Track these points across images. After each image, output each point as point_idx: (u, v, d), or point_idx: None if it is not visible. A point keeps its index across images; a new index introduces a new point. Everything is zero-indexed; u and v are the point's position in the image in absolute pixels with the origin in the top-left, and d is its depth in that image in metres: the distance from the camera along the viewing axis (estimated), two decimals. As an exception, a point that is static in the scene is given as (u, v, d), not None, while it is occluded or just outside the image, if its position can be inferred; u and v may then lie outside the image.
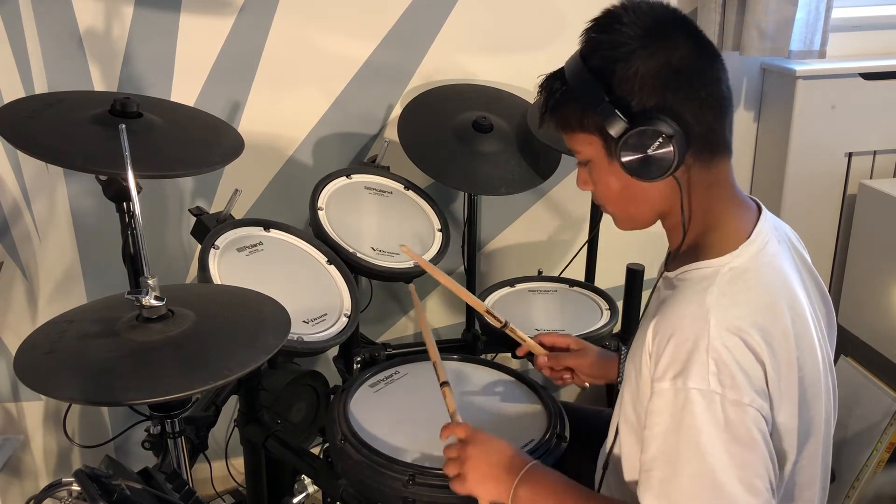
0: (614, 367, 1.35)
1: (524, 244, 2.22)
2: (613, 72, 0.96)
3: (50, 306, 1.93)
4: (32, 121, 1.33)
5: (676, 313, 0.94)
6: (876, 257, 2.07)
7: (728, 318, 0.91)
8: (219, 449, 1.83)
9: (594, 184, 1.08)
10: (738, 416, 0.89)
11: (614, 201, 1.07)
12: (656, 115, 0.95)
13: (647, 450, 0.94)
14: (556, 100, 1.03)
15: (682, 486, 0.90)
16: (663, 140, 0.95)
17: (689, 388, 0.89)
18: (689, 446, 0.89)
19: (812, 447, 1.01)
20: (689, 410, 0.89)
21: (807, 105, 2.05)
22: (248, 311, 1.20)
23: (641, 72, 0.95)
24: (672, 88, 0.96)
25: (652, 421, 0.93)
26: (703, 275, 0.97)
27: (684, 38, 0.98)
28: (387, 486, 1.15)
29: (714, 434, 0.88)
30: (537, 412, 1.32)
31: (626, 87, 0.96)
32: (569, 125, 1.04)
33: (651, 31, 0.97)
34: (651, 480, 0.92)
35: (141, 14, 1.78)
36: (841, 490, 1.95)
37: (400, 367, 1.44)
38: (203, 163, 1.41)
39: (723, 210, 1.02)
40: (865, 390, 1.96)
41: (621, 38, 0.97)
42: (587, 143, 1.03)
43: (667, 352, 0.92)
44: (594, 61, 0.98)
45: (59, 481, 0.88)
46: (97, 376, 0.99)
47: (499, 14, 1.98)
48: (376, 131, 2.01)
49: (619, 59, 0.96)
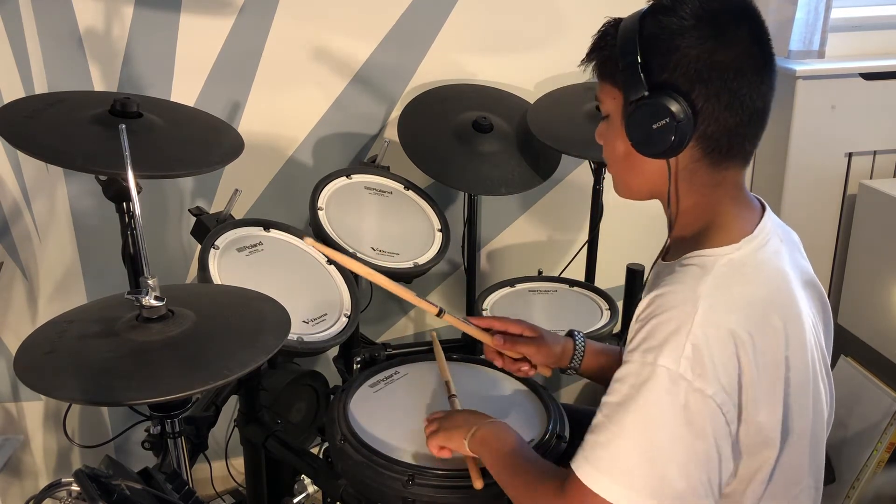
0: (566, 353, 1.31)
1: (524, 244, 2.22)
2: (657, 39, 0.95)
3: (50, 306, 1.93)
4: (32, 121, 1.33)
5: (667, 293, 0.94)
6: (876, 257, 2.07)
7: (717, 310, 0.91)
8: (219, 449, 1.83)
9: (605, 142, 1.07)
10: (696, 405, 0.89)
11: (616, 164, 1.07)
12: (674, 96, 0.94)
13: (596, 415, 0.95)
14: (602, 43, 1.02)
15: (617, 453, 0.91)
16: (669, 121, 0.94)
17: (658, 364, 0.89)
18: (637, 418, 0.90)
19: (798, 446, 1.00)
20: (650, 385, 0.90)
21: (807, 105, 2.05)
22: (248, 311, 1.20)
23: (682, 51, 0.94)
24: (704, 80, 0.94)
25: (612, 388, 0.94)
26: (701, 262, 0.97)
27: (743, 36, 0.95)
28: (386, 486, 1.15)
29: (668, 414, 0.89)
30: (537, 412, 1.32)
31: (662, 60, 0.95)
32: (602, 72, 1.03)
33: (712, 17, 0.95)
34: (586, 443, 0.94)
35: (141, 14, 1.78)
36: (841, 490, 1.94)
37: (400, 368, 1.44)
38: (203, 163, 1.41)
39: (726, 209, 1.02)
40: (865, 390, 1.96)
41: (682, 11, 0.95)
42: (611, 96, 1.03)
43: (647, 326, 0.92)
44: (647, 22, 0.97)
45: (58, 481, 0.88)
46: (97, 376, 0.99)
47: (499, 14, 1.98)
48: (376, 131, 2.01)
49: (668, 30, 0.95)
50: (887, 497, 1.91)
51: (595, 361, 1.31)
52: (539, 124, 1.82)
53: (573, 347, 1.31)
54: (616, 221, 2.02)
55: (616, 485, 0.90)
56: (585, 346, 1.32)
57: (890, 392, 1.91)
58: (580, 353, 1.31)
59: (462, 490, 1.13)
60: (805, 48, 2.04)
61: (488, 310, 1.76)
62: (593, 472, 0.92)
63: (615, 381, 0.94)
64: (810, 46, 2.03)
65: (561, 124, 1.83)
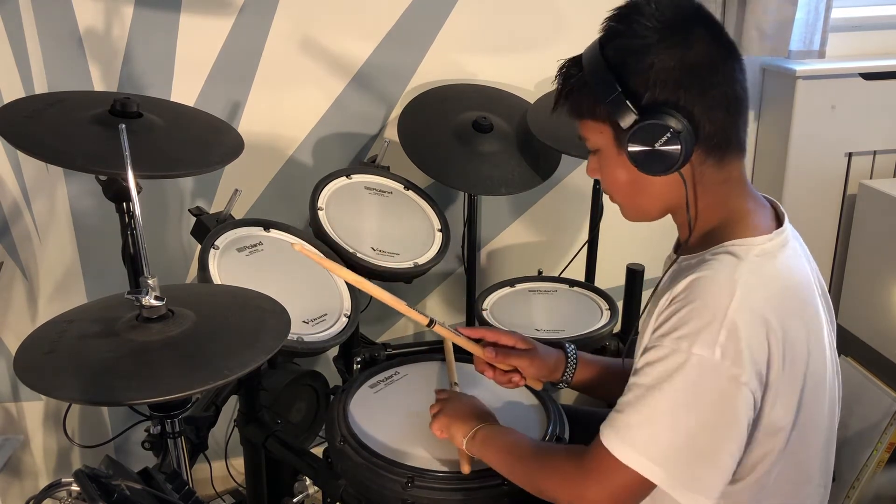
0: (559, 366, 1.30)
1: (524, 244, 2.22)
2: (627, 64, 0.96)
3: (50, 306, 1.93)
4: (32, 121, 1.33)
5: (704, 278, 0.94)
6: (876, 257, 2.07)
7: (752, 296, 0.92)
8: (219, 449, 1.83)
9: (603, 174, 1.07)
10: (731, 391, 0.90)
11: (622, 192, 1.07)
12: (666, 111, 0.95)
13: (625, 394, 0.96)
14: (570, 86, 1.03)
15: (652, 436, 0.92)
16: (671, 135, 0.95)
17: (693, 352, 0.90)
18: (672, 404, 0.91)
19: (815, 443, 1.02)
20: (684, 372, 0.90)
21: (807, 105, 2.05)
22: (248, 311, 1.20)
23: (657, 66, 0.95)
24: (685, 85, 0.96)
25: (641, 371, 0.95)
26: (734, 250, 0.97)
27: (703, 34, 0.97)
28: (386, 487, 1.15)
29: (704, 400, 0.90)
30: (537, 413, 1.32)
31: (640, 80, 0.96)
32: (581, 112, 1.04)
33: (670, 26, 0.96)
34: (617, 422, 0.95)
35: (141, 14, 1.78)
36: (841, 490, 1.94)
37: (400, 368, 1.44)
38: (203, 163, 1.41)
39: (740, 203, 1.03)
40: (865, 390, 1.96)
41: (640, 29, 0.96)
42: (598, 131, 1.03)
43: (682, 312, 0.92)
44: (610, 51, 0.98)
45: (58, 481, 0.88)
46: (97, 376, 0.99)
47: (499, 14, 1.98)
48: (376, 131, 2.01)
49: (635, 52, 0.96)
50: (887, 497, 1.91)
51: (586, 374, 1.31)
52: (539, 124, 1.82)
53: (565, 360, 1.30)
54: (616, 221, 1.99)
55: (654, 465, 0.92)
56: (577, 359, 1.31)
57: (890, 392, 1.91)
58: (572, 366, 1.30)
59: (462, 492, 1.13)
60: (805, 48, 2.04)
61: (488, 310, 1.76)
62: (629, 452, 0.93)
63: (646, 363, 0.94)
64: (810, 46, 2.03)
65: (561, 124, 1.80)
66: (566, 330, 1.67)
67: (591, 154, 1.09)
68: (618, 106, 0.97)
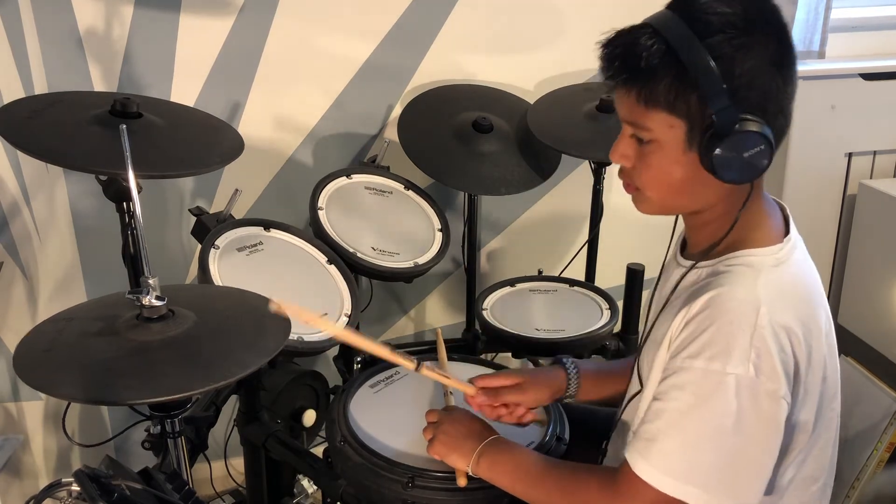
0: (559, 384, 1.27)
1: (524, 244, 2.22)
2: (734, 59, 0.87)
3: (50, 306, 1.92)
4: (32, 121, 1.33)
5: (724, 294, 0.91)
6: (876, 257, 2.07)
7: (776, 309, 0.90)
8: (219, 449, 1.83)
9: (646, 166, 0.97)
10: (770, 406, 0.89)
11: (661, 188, 0.98)
12: (760, 119, 0.89)
13: (652, 420, 0.93)
14: (651, 68, 0.89)
15: (692, 462, 0.90)
16: (764, 147, 0.89)
17: (727, 372, 0.88)
18: (712, 427, 0.89)
19: (824, 442, 1.02)
20: (720, 393, 0.88)
21: (807, 105, 2.04)
22: (248, 312, 1.20)
23: (756, 67, 0.88)
24: (773, 92, 0.90)
25: (669, 395, 0.92)
26: (748, 262, 0.95)
27: (783, 33, 0.91)
28: (386, 488, 1.15)
29: (745, 419, 0.88)
30: (537, 414, 1.32)
31: (742, 81, 0.87)
32: (654, 100, 0.91)
33: (761, 19, 0.89)
34: (651, 451, 0.92)
35: (141, 14, 1.78)
36: (841, 490, 1.94)
37: (400, 368, 1.44)
38: (203, 163, 1.41)
39: (758, 211, 1.01)
40: (865, 390, 1.96)
41: (737, 19, 0.87)
42: (666, 124, 0.92)
43: (708, 332, 0.90)
44: (714, 40, 0.87)
45: (58, 481, 0.88)
46: (97, 375, 0.99)
47: (499, 14, 1.98)
48: (376, 131, 2.01)
49: (741, 47, 0.87)
50: (887, 497, 1.90)
51: (592, 384, 1.28)
52: (539, 124, 1.82)
53: (566, 377, 1.28)
54: (616, 221, 2.02)
55: (696, 489, 0.90)
56: (579, 372, 1.28)
57: (890, 392, 1.91)
58: (574, 380, 1.27)
59: (462, 492, 1.13)
60: (805, 48, 2.04)
61: (488, 310, 1.76)
62: (669, 481, 0.91)
63: (673, 387, 0.92)
64: (810, 46, 2.03)
65: (561, 124, 1.83)
66: (566, 330, 1.67)
67: (632, 140, 0.98)
68: (719, 107, 0.87)
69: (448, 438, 1.14)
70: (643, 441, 0.94)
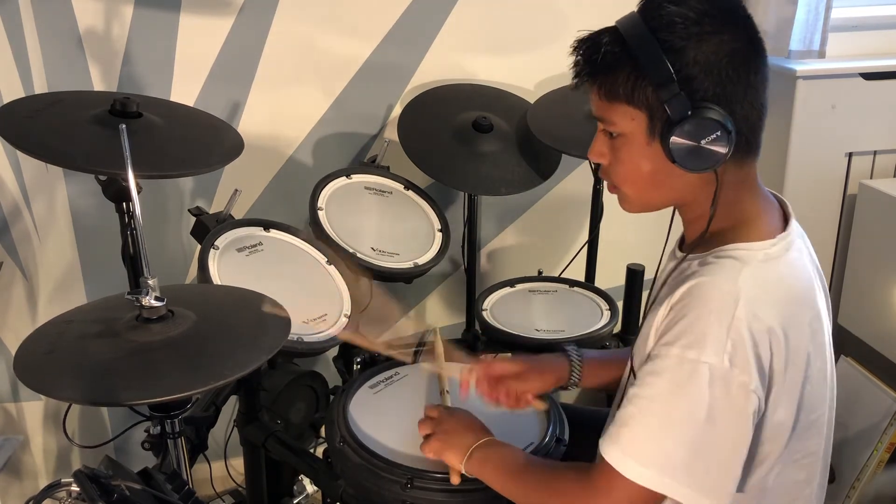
0: (562, 371, 1.28)
1: (524, 244, 2.22)
2: (685, 50, 0.90)
3: (50, 306, 1.92)
4: (32, 121, 1.33)
5: (706, 284, 0.92)
6: (876, 257, 2.07)
7: (757, 304, 0.90)
8: (218, 449, 1.83)
9: (618, 161, 1.00)
10: (741, 399, 0.90)
11: (637, 183, 1.01)
12: (716, 106, 0.91)
13: (625, 406, 0.94)
14: (607, 63, 0.94)
15: (661, 449, 0.91)
16: (721, 133, 0.91)
17: (701, 361, 0.89)
18: (682, 414, 0.90)
19: (814, 446, 1.02)
20: (694, 382, 0.89)
21: (807, 105, 2.04)
22: (248, 312, 1.20)
23: (711, 57, 0.90)
24: (733, 80, 0.92)
25: (644, 381, 0.93)
26: (738, 255, 0.95)
27: (746, 28, 0.94)
28: (385, 489, 1.15)
29: (715, 409, 0.89)
30: (537, 414, 1.32)
31: (694, 70, 0.90)
32: (615, 94, 0.96)
33: (720, 13, 0.92)
34: (622, 437, 0.93)
35: (141, 14, 1.78)
36: (841, 490, 1.94)
37: (400, 369, 1.44)
38: (203, 163, 1.41)
39: (751, 206, 1.01)
40: (865, 390, 1.96)
41: (692, 13, 0.91)
42: (628, 116, 0.96)
43: (686, 319, 0.91)
44: (664, 34, 0.91)
45: (58, 482, 0.88)
46: (97, 376, 0.99)
47: (499, 14, 1.98)
48: (376, 131, 2.01)
49: (692, 37, 0.90)
50: (887, 497, 1.90)
51: (595, 371, 1.29)
52: (539, 124, 1.82)
53: (568, 364, 1.28)
54: (616, 221, 2.02)
55: (665, 477, 0.90)
56: (583, 359, 1.29)
57: (890, 392, 1.91)
58: (577, 368, 1.28)
59: (461, 493, 1.13)
60: (805, 48, 2.03)
61: (488, 310, 1.75)
62: (637, 467, 0.91)
63: (649, 373, 0.93)
64: (810, 46, 2.03)
65: (561, 124, 1.83)
66: (566, 330, 1.67)
67: (604, 136, 1.01)
68: (670, 95, 0.90)
69: (444, 434, 1.16)
70: (615, 426, 0.95)
